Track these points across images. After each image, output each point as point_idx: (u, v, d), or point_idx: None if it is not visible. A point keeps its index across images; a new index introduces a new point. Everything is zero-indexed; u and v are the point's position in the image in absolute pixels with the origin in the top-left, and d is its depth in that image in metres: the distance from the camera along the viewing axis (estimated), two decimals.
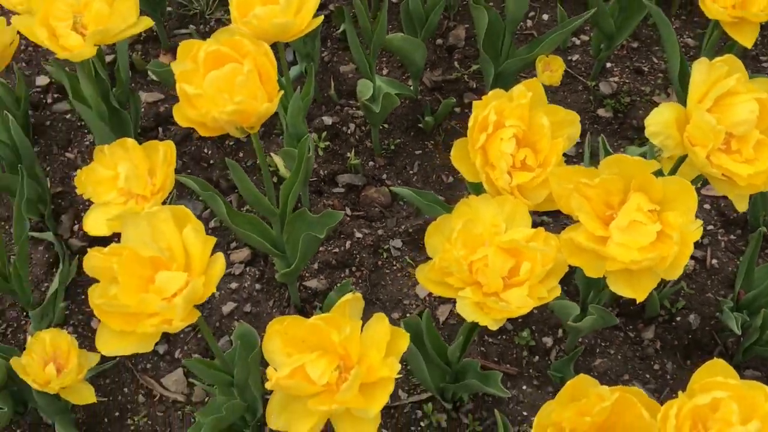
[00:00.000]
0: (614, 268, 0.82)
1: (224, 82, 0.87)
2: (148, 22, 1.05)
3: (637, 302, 0.82)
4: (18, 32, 1.09)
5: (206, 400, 1.18)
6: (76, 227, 1.33)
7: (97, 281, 0.81)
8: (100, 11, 1.02)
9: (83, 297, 1.27)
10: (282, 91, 0.90)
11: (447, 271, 0.83)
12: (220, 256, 0.82)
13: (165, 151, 1.00)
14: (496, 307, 0.81)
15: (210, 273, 0.82)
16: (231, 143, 1.43)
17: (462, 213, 0.86)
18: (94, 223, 1.00)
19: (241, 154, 1.41)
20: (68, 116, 1.46)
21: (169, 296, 0.81)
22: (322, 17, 1.02)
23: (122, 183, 0.99)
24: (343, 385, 0.78)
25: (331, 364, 0.80)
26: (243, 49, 0.89)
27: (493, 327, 0.81)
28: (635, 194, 0.84)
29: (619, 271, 0.82)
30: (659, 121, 0.93)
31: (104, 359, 1.11)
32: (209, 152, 1.42)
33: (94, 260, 0.81)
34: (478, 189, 1.01)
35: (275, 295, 1.28)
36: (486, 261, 0.82)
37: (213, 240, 0.82)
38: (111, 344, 0.79)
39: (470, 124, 0.89)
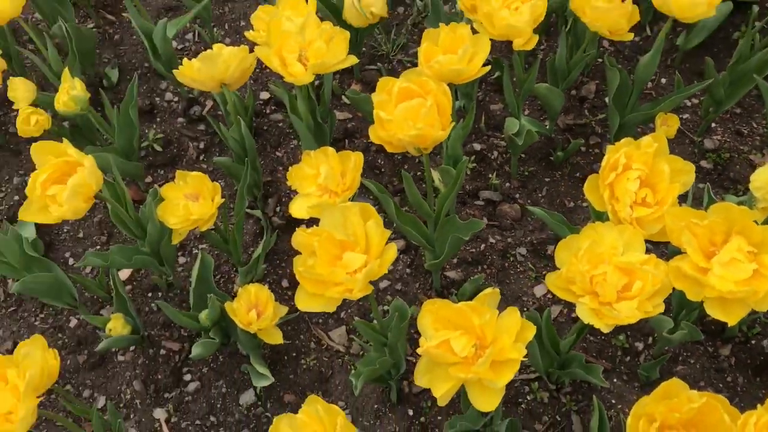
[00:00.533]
0: (712, 295, 0.78)
1: (410, 112, 0.88)
2: (353, 60, 1.08)
3: (729, 326, 0.78)
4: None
5: (361, 353, 1.20)
6: (278, 209, 1.38)
7: (297, 253, 0.84)
8: (320, 48, 1.05)
9: (278, 262, 1.31)
10: (454, 123, 0.91)
11: (571, 280, 0.82)
12: (393, 246, 0.83)
13: (355, 159, 1.02)
14: (609, 315, 0.79)
15: (384, 258, 0.83)
16: (398, 157, 1.44)
17: (588, 235, 0.84)
18: (298, 208, 1.03)
19: (405, 166, 1.43)
20: (280, 124, 1.51)
21: (352, 271, 0.83)
22: (489, 66, 1.01)
23: (321, 180, 1.02)
24: (479, 359, 0.78)
25: (470, 341, 0.80)
26: (427, 86, 0.90)
27: (605, 330, 0.79)
28: (736, 236, 0.80)
29: (716, 298, 0.79)
30: (763, 178, 0.90)
31: (290, 312, 1.15)
32: (381, 162, 1.44)
33: (300, 237, 0.84)
34: (599, 216, 0.99)
35: (420, 279, 1.29)
36: (605, 276, 0.80)
37: (388, 232, 0.83)
38: (306, 302, 0.82)
39: (603, 163, 0.87)
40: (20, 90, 1.23)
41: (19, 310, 1.29)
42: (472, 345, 0.79)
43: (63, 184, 0.89)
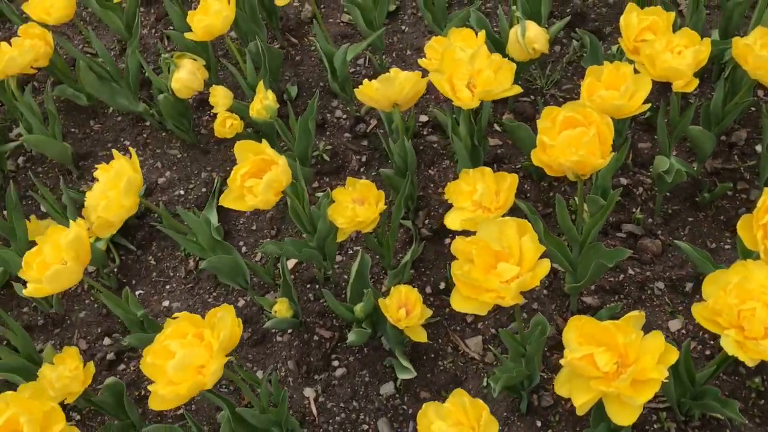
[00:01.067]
0: None
1: (573, 140, 0.90)
2: (517, 89, 1.11)
3: None
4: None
5: (495, 363, 1.22)
6: (427, 221, 1.42)
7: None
8: (488, 77, 1.09)
9: (423, 270, 1.36)
10: (613, 153, 0.92)
11: (718, 312, 0.81)
12: (546, 262, 0.85)
13: (511, 180, 1.06)
14: (754, 349, 0.78)
15: (536, 271, 0.86)
16: (544, 184, 1.46)
17: (738, 271, 0.83)
18: (452, 220, 1.08)
19: (551, 194, 1.44)
20: (435, 145, 1.56)
21: (505, 281, 0.86)
22: (649, 104, 1.02)
23: (477, 197, 1.06)
24: (621, 375, 0.78)
25: (613, 358, 0.81)
26: (591, 117, 0.92)
27: (750, 364, 0.77)
28: None
29: None
30: None
31: (432, 316, 1.19)
32: (528, 188, 1.45)
33: (459, 244, 0.88)
34: (747, 255, 0.97)
35: (557, 301, 1.29)
36: (753, 312, 0.79)
37: (543, 248, 0.86)
38: (460, 303, 0.86)
39: (759, 204, 0.85)
40: (220, 96, 1.36)
41: (195, 288, 1.41)
42: (614, 362, 0.80)
43: (259, 178, 0.98)
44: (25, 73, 1.51)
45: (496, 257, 0.88)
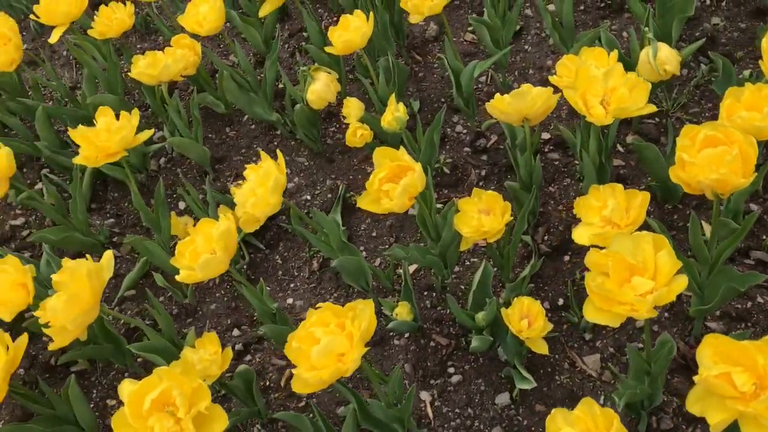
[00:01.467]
0: None
1: (714, 158, 0.90)
2: (651, 108, 1.10)
3: None
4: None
5: (612, 381, 1.21)
6: (546, 237, 1.43)
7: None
8: (622, 95, 1.09)
9: (541, 285, 1.36)
10: (756, 173, 0.91)
11: None
12: (684, 278, 0.85)
13: (642, 198, 1.05)
14: None
15: (672, 286, 0.85)
16: (669, 207, 1.43)
17: None
18: (580, 235, 1.08)
19: (675, 216, 1.41)
20: (556, 163, 1.57)
21: (639, 294, 0.86)
22: None
23: (607, 213, 1.06)
24: (761, 396, 0.77)
25: (751, 379, 0.79)
26: (733, 137, 0.91)
27: None
28: None
29: None
30: None
31: (551, 331, 1.20)
32: (651, 209, 1.43)
33: (594, 257, 0.88)
34: None
35: (678, 324, 1.26)
36: None
37: (680, 264, 0.85)
38: (593, 314, 0.86)
39: None
40: (353, 108, 1.42)
41: (318, 288, 1.48)
42: (752, 382, 0.79)
43: (395, 183, 1.03)
44: (172, 80, 1.64)
45: (631, 271, 0.88)
